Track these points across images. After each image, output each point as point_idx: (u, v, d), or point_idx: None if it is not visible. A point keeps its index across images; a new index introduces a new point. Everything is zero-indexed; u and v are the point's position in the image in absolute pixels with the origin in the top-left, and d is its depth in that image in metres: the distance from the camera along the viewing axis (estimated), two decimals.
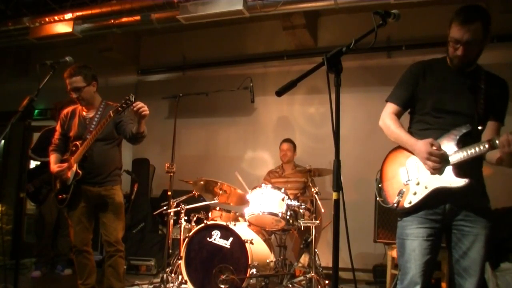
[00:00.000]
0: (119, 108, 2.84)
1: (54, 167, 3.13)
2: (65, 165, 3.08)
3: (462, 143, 1.92)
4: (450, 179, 1.91)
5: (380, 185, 2.17)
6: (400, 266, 2.05)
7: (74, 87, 3.08)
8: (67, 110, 3.30)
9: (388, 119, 2.18)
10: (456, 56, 1.98)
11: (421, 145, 1.96)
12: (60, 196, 3.15)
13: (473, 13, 1.92)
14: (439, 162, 1.91)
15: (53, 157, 3.23)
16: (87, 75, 3.11)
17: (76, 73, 3.07)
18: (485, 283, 3.33)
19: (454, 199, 1.95)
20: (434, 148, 1.91)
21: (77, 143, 3.09)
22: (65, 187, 3.11)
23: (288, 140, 4.80)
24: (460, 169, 1.90)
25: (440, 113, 2.03)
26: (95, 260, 3.25)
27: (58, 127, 3.30)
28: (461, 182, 1.88)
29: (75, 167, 3.04)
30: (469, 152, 1.87)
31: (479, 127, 1.96)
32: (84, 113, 3.21)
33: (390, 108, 2.20)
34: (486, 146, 1.83)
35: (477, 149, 1.85)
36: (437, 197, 1.95)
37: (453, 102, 2.01)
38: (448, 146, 1.95)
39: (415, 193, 1.99)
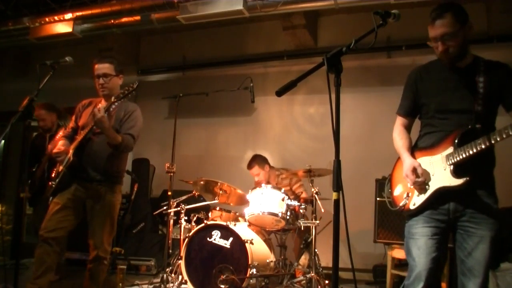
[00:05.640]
0: (120, 94, 2.78)
1: (54, 150, 2.96)
2: (63, 148, 2.94)
3: (460, 143, 1.93)
4: (450, 179, 1.95)
5: (390, 190, 2.25)
6: (408, 263, 2.11)
7: (103, 73, 2.97)
8: (85, 101, 3.20)
9: (395, 132, 2.26)
10: (440, 54, 2.01)
11: (407, 164, 2.06)
12: (51, 183, 2.98)
13: (441, 9, 1.98)
14: (413, 184, 2.02)
15: (61, 142, 3.07)
16: (117, 66, 3.05)
17: (107, 60, 3.02)
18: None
19: (457, 198, 1.97)
20: (414, 174, 2.00)
21: (81, 132, 2.96)
22: (57, 175, 2.96)
23: (249, 165, 4.45)
24: (459, 168, 1.93)
25: (444, 113, 2.05)
26: (83, 258, 3.09)
27: (73, 115, 3.18)
28: (459, 181, 1.91)
29: (70, 153, 2.90)
30: (466, 152, 1.89)
31: (477, 125, 1.94)
32: (100, 105, 3.03)
33: (398, 120, 2.28)
34: (482, 146, 1.83)
35: (476, 148, 1.85)
36: (440, 197, 1.99)
37: (455, 101, 2.02)
38: (448, 147, 1.98)
39: (419, 195, 2.05)
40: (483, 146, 1.84)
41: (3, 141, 5.60)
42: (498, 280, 3.35)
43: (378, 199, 3.96)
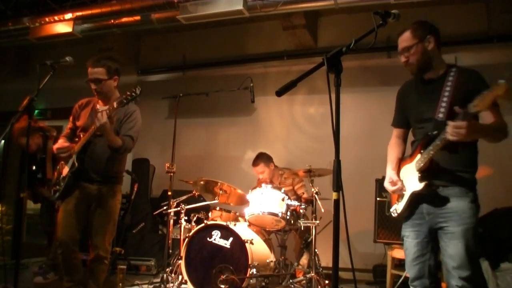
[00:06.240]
0: (123, 100, 2.75)
1: (56, 145, 2.98)
2: (67, 144, 2.94)
3: (424, 149, 2.09)
4: (417, 183, 2.12)
5: (390, 196, 2.43)
6: None
7: (95, 78, 2.93)
8: (82, 101, 3.18)
9: (390, 144, 2.45)
10: (404, 66, 2.25)
11: (387, 175, 2.31)
12: (55, 188, 3.02)
13: (405, 28, 2.25)
14: (392, 193, 2.28)
15: (62, 140, 3.07)
16: (111, 67, 2.98)
17: (100, 64, 2.94)
18: (485, 283, 3.34)
19: (428, 200, 2.13)
20: (390, 182, 2.25)
21: (81, 134, 2.96)
22: (60, 178, 2.98)
23: (254, 162, 4.47)
24: (422, 173, 2.10)
25: (421, 123, 2.23)
26: (84, 259, 3.10)
27: (71, 118, 3.16)
28: (420, 185, 2.09)
29: (73, 158, 2.91)
30: (424, 158, 2.06)
31: (434, 132, 2.06)
32: (98, 106, 3.06)
33: (393, 132, 2.48)
34: (432, 152, 2.01)
35: (429, 153, 2.03)
36: (415, 201, 2.17)
37: (426, 111, 2.18)
38: (418, 154, 2.14)
39: (401, 201, 2.25)
40: (432, 152, 2.00)
41: (3, 141, 5.60)
42: (498, 280, 3.35)
43: (378, 199, 3.96)
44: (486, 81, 2.08)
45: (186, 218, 3.91)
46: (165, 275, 3.75)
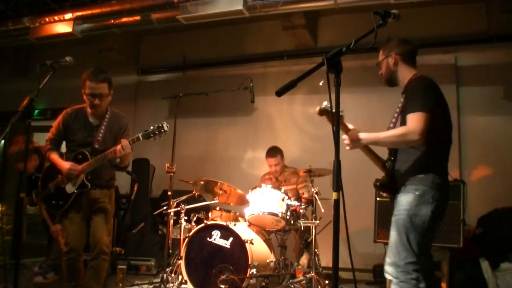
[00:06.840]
0: (150, 134, 2.88)
1: (66, 165, 2.95)
2: (79, 168, 2.95)
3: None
4: None
5: None
6: None
7: (100, 93, 2.97)
8: (70, 111, 3.15)
9: None
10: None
11: None
12: (54, 202, 3.04)
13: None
14: None
15: (56, 155, 3.08)
16: (110, 81, 3.03)
17: (102, 78, 2.97)
18: (485, 283, 3.34)
19: (392, 198, 2.33)
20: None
21: (85, 151, 2.99)
22: (62, 193, 3.00)
23: (272, 154, 4.52)
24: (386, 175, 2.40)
25: None
26: (84, 259, 3.13)
27: (59, 125, 3.12)
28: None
29: (81, 177, 2.96)
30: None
31: None
32: (91, 120, 3.10)
33: None
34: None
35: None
36: (393, 199, 2.34)
37: (391, 121, 2.45)
38: None
39: None
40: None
41: (3, 141, 5.60)
42: (498, 280, 3.35)
43: (378, 199, 3.95)
44: (417, 88, 2.23)
45: (186, 218, 3.91)
46: (165, 275, 3.74)
